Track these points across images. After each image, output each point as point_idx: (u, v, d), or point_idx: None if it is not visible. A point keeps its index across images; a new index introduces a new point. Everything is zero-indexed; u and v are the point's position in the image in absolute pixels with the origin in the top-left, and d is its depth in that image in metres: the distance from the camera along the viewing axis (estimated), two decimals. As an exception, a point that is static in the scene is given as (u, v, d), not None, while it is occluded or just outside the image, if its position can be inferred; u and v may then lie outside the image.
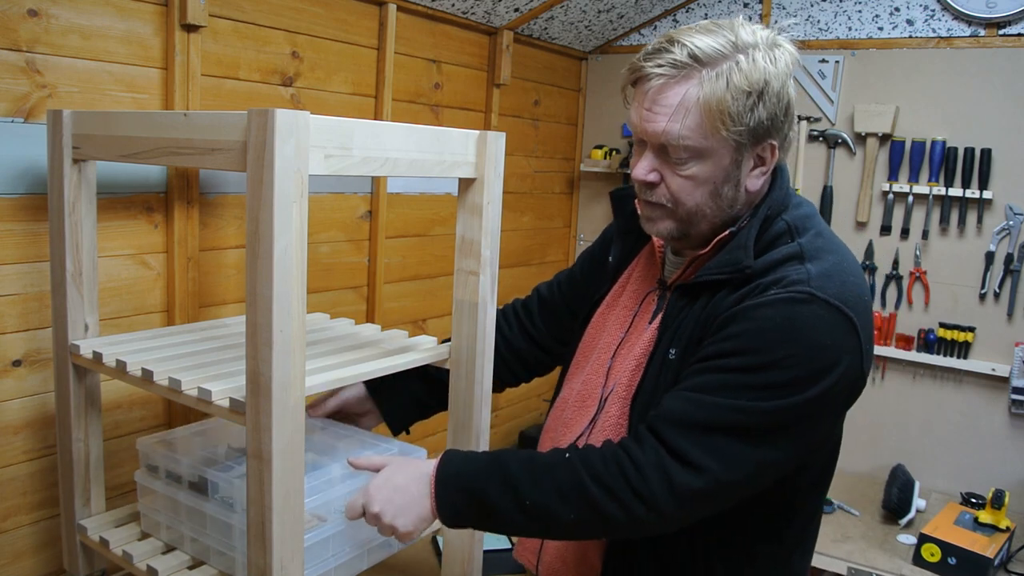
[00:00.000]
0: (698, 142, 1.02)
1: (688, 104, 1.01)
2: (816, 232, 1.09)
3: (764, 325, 0.99)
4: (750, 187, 1.08)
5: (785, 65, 1.03)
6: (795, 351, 0.98)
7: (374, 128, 1.09)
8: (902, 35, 2.53)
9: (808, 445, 1.05)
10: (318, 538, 1.25)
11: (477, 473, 1.07)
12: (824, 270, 1.02)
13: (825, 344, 0.99)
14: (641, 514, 1.00)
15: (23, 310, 1.47)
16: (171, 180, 1.68)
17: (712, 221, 1.10)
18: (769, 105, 1.02)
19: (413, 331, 1.93)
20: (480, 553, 1.41)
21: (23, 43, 1.41)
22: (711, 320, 1.06)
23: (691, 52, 1.01)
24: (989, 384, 2.47)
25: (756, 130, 1.03)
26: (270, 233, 0.96)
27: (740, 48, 1.01)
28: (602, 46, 3.07)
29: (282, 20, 1.87)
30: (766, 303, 1.00)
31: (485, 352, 1.33)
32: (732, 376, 1.00)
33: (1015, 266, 2.40)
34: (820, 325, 0.99)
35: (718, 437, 0.99)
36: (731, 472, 0.99)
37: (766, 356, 0.98)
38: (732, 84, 1.00)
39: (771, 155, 1.07)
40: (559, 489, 1.02)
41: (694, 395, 1.01)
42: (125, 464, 1.65)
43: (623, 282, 1.29)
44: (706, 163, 1.04)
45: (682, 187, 1.06)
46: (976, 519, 2.20)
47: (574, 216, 3.21)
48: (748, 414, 0.98)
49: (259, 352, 1.01)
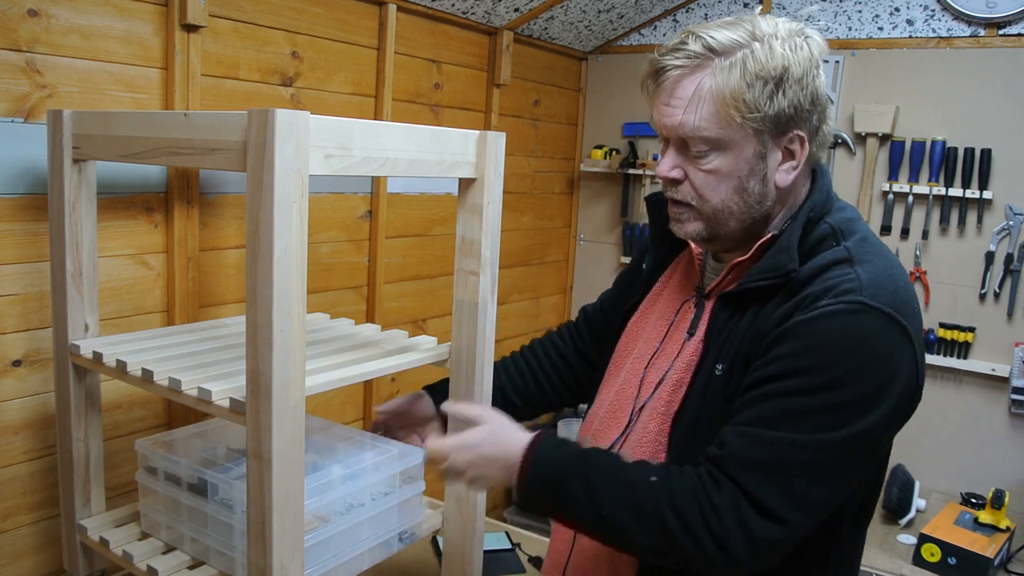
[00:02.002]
0: (715, 132, 1.00)
1: (702, 93, 0.99)
2: (862, 236, 1.04)
3: (819, 341, 0.94)
4: (779, 182, 1.04)
5: (808, 54, 1.00)
6: (855, 366, 0.93)
7: (374, 128, 1.09)
8: (902, 35, 2.53)
9: (873, 466, 1.02)
10: (318, 538, 1.25)
11: (565, 465, 1.03)
12: (874, 276, 0.97)
13: (883, 355, 0.94)
14: (716, 559, 0.95)
15: (23, 310, 1.47)
16: (171, 180, 1.68)
17: (741, 219, 1.05)
18: (790, 93, 0.99)
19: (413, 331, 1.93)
20: (480, 553, 1.41)
21: (23, 43, 1.41)
22: (760, 336, 1.01)
23: (706, 44, 0.99)
24: (989, 384, 2.47)
25: (778, 119, 0.99)
26: (270, 233, 0.96)
27: (757, 37, 0.99)
28: (602, 46, 3.07)
29: (282, 20, 1.87)
30: (818, 317, 0.95)
31: (485, 352, 1.32)
32: (792, 402, 0.94)
33: (1015, 266, 2.40)
34: (876, 336, 0.94)
35: (796, 481, 0.93)
36: (811, 518, 0.95)
37: (825, 375, 0.93)
38: (747, 71, 0.97)
39: (800, 148, 1.03)
40: (638, 509, 0.98)
41: (760, 431, 0.95)
42: (125, 464, 1.65)
43: (658, 290, 1.25)
44: (727, 155, 1.01)
45: (705, 182, 1.03)
46: (976, 519, 2.20)
47: (574, 216, 3.21)
48: (819, 449, 0.93)
49: (259, 352, 1.01)
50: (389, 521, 1.41)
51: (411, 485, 1.43)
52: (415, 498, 1.45)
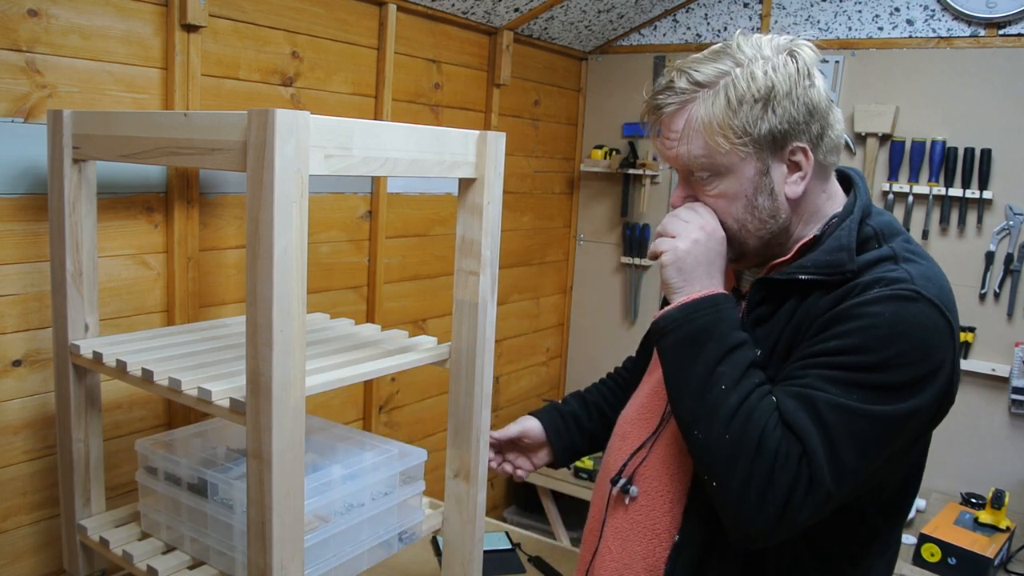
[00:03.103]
0: (710, 160, 1.04)
1: (693, 126, 1.04)
2: (904, 238, 1.07)
3: (874, 322, 0.96)
4: (790, 194, 1.06)
5: (794, 69, 1.02)
6: (905, 350, 0.95)
7: (374, 128, 1.09)
8: (902, 35, 2.53)
9: (902, 458, 1.03)
10: (318, 538, 1.25)
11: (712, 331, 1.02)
12: (921, 272, 1.00)
13: (933, 345, 0.97)
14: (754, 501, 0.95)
15: (23, 310, 1.47)
16: (171, 180, 1.68)
17: (759, 235, 1.08)
18: (780, 110, 1.01)
19: (413, 331, 1.93)
20: (480, 553, 1.41)
21: (23, 43, 1.41)
22: (805, 323, 1.03)
23: (691, 79, 1.04)
24: (989, 384, 2.47)
25: (772, 136, 1.02)
26: (270, 233, 0.96)
27: (739, 63, 1.03)
28: (602, 46, 3.07)
29: (282, 20, 1.87)
30: (873, 300, 0.97)
31: (485, 352, 1.33)
32: (843, 374, 0.96)
33: (1015, 266, 2.40)
34: (928, 325, 0.96)
35: (840, 448, 0.94)
36: (841, 489, 0.95)
37: (877, 355, 0.95)
38: (730, 98, 1.01)
39: (805, 158, 1.04)
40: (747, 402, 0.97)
41: (810, 392, 0.97)
42: (125, 464, 1.65)
43: None
44: (728, 179, 1.05)
45: (717, 206, 1.07)
46: (976, 519, 2.20)
47: (574, 216, 3.21)
48: (865, 419, 0.94)
49: (259, 352, 1.01)
50: (389, 521, 1.41)
51: (411, 485, 1.44)
52: (415, 498, 1.45)
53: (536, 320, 3.12)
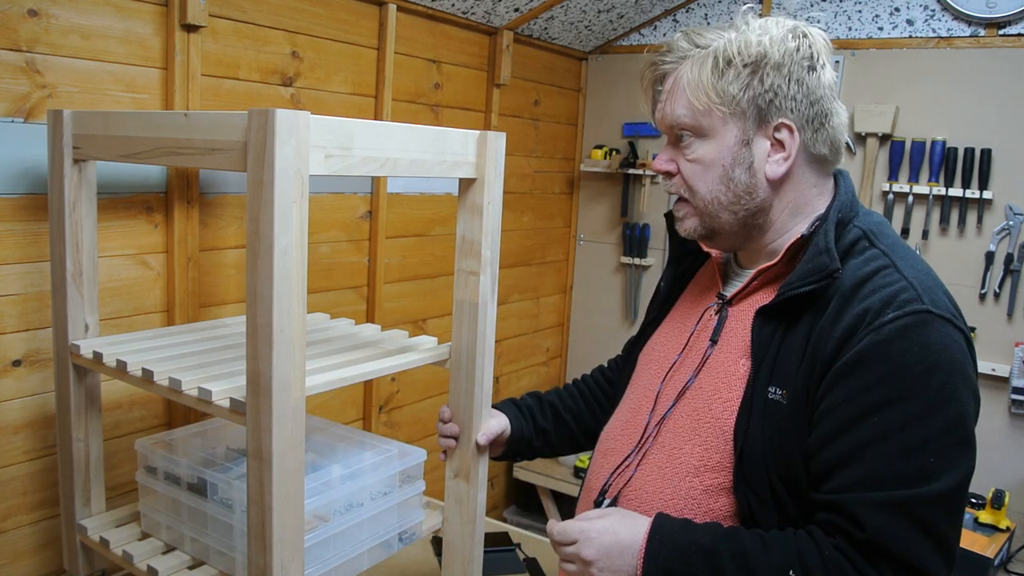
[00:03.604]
0: (693, 120, 1.03)
1: (681, 83, 1.04)
2: (894, 240, 1.03)
3: (905, 361, 0.90)
4: (770, 174, 1.02)
5: (793, 48, 1.00)
6: (944, 380, 0.90)
7: (374, 128, 1.09)
8: (902, 35, 2.53)
9: None
10: (318, 538, 1.25)
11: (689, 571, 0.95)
12: (921, 281, 0.96)
13: (959, 361, 0.92)
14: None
15: (23, 310, 1.47)
16: (171, 180, 1.68)
17: (732, 211, 1.04)
18: (768, 80, 0.99)
19: (413, 331, 1.93)
20: (480, 553, 1.40)
21: (23, 43, 1.41)
22: (819, 358, 0.96)
23: (691, 40, 1.04)
24: (989, 384, 2.46)
25: (756, 104, 1.00)
26: (270, 233, 0.96)
27: (738, 29, 1.03)
28: (602, 46, 3.07)
29: (282, 20, 1.87)
30: (890, 337, 0.91)
31: (485, 352, 1.32)
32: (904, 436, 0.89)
33: (1015, 266, 2.40)
34: (949, 343, 0.92)
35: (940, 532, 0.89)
36: (949, 562, 0.90)
37: (924, 399, 0.90)
38: (718, 59, 1.01)
39: (790, 136, 1.01)
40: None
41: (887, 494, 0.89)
42: (125, 464, 1.65)
43: (678, 307, 1.22)
44: (709, 143, 1.03)
45: (693, 172, 1.05)
46: (976, 519, 2.20)
47: (574, 216, 3.21)
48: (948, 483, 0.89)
49: (259, 352, 1.01)
50: (389, 521, 1.41)
51: (411, 485, 1.44)
52: (415, 498, 1.45)
53: (536, 320, 3.12)
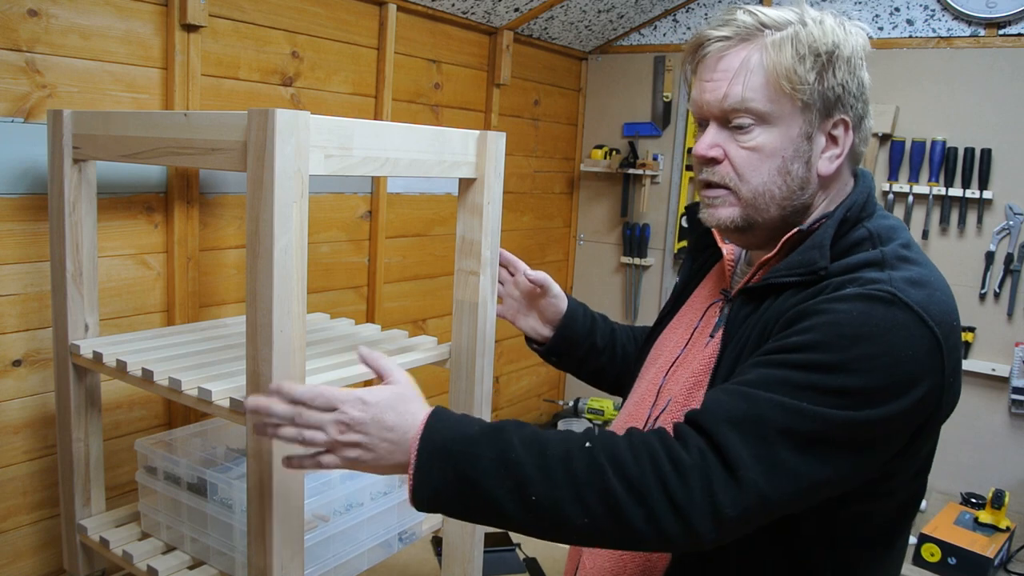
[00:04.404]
0: (763, 105, 0.95)
1: (751, 65, 0.95)
2: (902, 243, 0.97)
3: (838, 319, 0.86)
4: (822, 170, 0.98)
5: (856, 40, 0.97)
6: (870, 353, 0.85)
7: (374, 128, 1.09)
8: (902, 35, 2.53)
9: (861, 473, 0.90)
10: (318, 538, 1.25)
11: (470, 450, 0.87)
12: (908, 277, 0.90)
13: (904, 356, 0.85)
14: (671, 528, 0.83)
15: (23, 310, 1.47)
16: (171, 180, 1.68)
17: (782, 205, 0.98)
18: (839, 73, 0.95)
19: (413, 331, 1.93)
20: (480, 553, 1.40)
21: (23, 43, 1.41)
22: (772, 320, 0.95)
23: (756, 17, 0.97)
24: (989, 384, 2.47)
25: (825, 97, 0.95)
26: (270, 233, 0.96)
27: (807, 16, 0.97)
28: (602, 46, 3.07)
29: (282, 20, 1.87)
30: (841, 297, 0.89)
31: (485, 352, 1.32)
32: (796, 373, 0.86)
33: (1015, 266, 2.40)
34: (900, 332, 0.85)
35: (774, 443, 0.84)
36: (779, 489, 0.84)
37: (837, 355, 0.85)
38: (798, 43, 0.94)
39: (844, 133, 0.98)
40: (575, 484, 0.84)
41: (749, 390, 0.87)
42: (125, 464, 1.65)
43: (690, 301, 1.18)
44: (772, 131, 0.96)
45: (747, 160, 0.97)
46: (976, 519, 2.20)
47: (574, 216, 3.21)
48: (811, 420, 0.84)
49: (259, 352, 1.01)
50: (389, 521, 1.41)
51: (411, 485, 1.43)
52: (415, 498, 1.45)
53: (536, 320, 3.12)
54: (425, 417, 0.90)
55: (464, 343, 1.32)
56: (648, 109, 3.01)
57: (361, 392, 0.91)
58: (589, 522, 0.84)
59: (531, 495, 0.85)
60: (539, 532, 0.89)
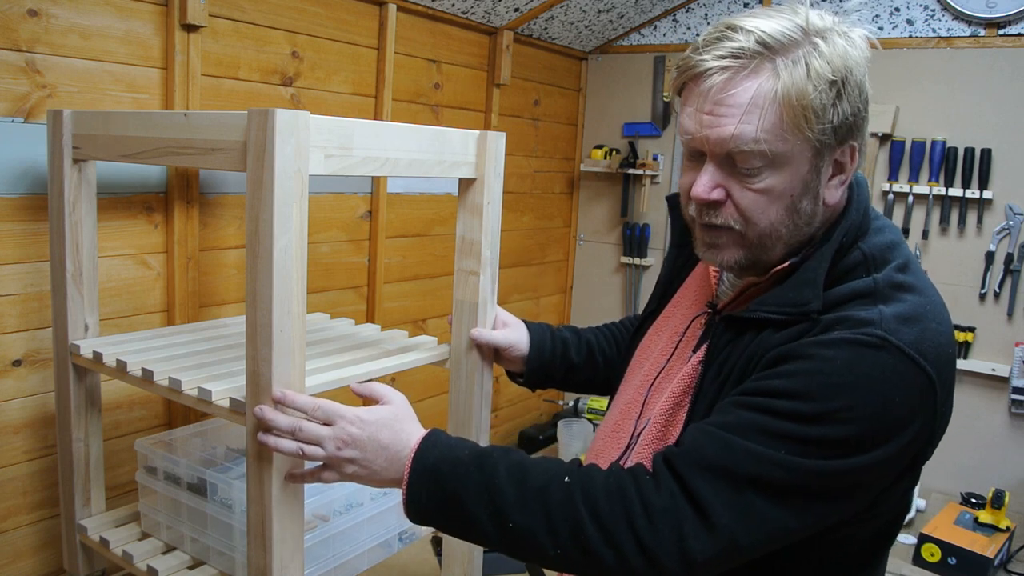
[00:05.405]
0: (776, 147, 0.85)
1: (763, 101, 0.84)
2: (897, 266, 0.90)
3: (823, 368, 0.82)
4: (829, 199, 0.91)
5: (862, 52, 0.87)
6: (856, 403, 0.81)
7: (374, 128, 1.09)
8: (902, 35, 2.53)
9: (843, 516, 0.88)
10: (318, 538, 1.25)
11: (458, 472, 0.91)
12: (900, 312, 0.85)
13: (893, 401, 0.82)
14: (637, 565, 0.84)
15: (23, 310, 1.47)
16: (171, 180, 1.68)
17: (788, 243, 0.92)
18: (852, 98, 0.86)
19: (413, 331, 1.93)
20: (480, 553, 1.41)
21: (23, 43, 1.41)
22: (756, 356, 0.91)
23: (759, 38, 0.84)
24: (989, 384, 2.46)
25: (839, 128, 0.86)
26: (270, 233, 0.96)
27: (813, 31, 0.86)
28: (602, 46, 3.06)
29: (282, 20, 1.87)
30: (828, 342, 0.84)
31: (485, 352, 1.32)
32: (776, 422, 0.83)
33: (1015, 266, 2.40)
34: (890, 377, 0.82)
35: (747, 492, 0.82)
36: (752, 535, 0.83)
37: (820, 405, 0.82)
38: (813, 72, 0.83)
39: (851, 159, 0.90)
40: (549, 517, 0.87)
41: (727, 435, 0.85)
42: (125, 464, 1.65)
43: (675, 301, 1.14)
44: (783, 172, 0.87)
45: (754, 204, 0.89)
46: (976, 519, 2.20)
47: (574, 216, 3.21)
48: (787, 470, 0.82)
49: (259, 352, 1.01)
50: (389, 521, 1.41)
51: (411, 485, 1.43)
52: (415, 498, 1.45)
53: (536, 320, 3.12)
54: (420, 438, 0.96)
55: (464, 343, 1.32)
56: (648, 109, 3.01)
57: (359, 411, 0.97)
58: (561, 553, 0.88)
59: (508, 522, 0.89)
60: (517, 556, 0.93)
